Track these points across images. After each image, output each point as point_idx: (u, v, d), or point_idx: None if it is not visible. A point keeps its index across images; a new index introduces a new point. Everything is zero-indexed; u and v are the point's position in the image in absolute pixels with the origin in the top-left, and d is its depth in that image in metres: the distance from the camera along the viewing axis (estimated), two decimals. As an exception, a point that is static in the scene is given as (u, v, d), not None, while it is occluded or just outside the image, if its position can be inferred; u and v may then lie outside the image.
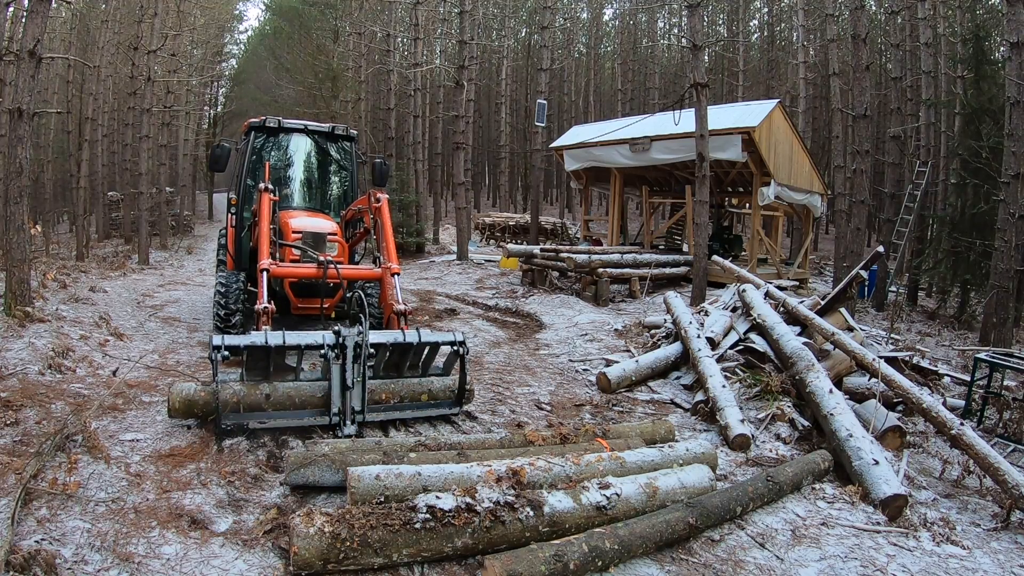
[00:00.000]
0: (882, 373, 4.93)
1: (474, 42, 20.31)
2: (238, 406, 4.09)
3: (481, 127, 35.98)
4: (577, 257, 10.93)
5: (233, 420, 4.05)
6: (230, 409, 4.05)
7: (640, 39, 34.64)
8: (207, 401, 4.13)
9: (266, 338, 4.09)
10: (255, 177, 7.10)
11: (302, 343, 4.18)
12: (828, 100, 20.15)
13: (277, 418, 4.17)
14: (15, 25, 12.70)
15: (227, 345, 3.96)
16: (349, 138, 7.54)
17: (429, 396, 4.77)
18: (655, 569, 3.08)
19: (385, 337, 4.48)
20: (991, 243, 9.58)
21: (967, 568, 3.33)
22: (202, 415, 4.19)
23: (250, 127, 7.28)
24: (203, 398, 4.16)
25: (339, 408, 4.18)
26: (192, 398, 4.17)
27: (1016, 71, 8.68)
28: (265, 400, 4.16)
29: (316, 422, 4.22)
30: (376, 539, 2.72)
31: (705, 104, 9.78)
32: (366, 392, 4.28)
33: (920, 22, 14.59)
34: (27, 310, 6.21)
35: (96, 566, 2.65)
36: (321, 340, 4.13)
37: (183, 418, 4.22)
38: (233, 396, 4.07)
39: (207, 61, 27.33)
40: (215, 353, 3.90)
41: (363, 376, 4.22)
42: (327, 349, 4.09)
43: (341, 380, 4.16)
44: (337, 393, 4.17)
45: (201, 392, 4.20)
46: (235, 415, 4.07)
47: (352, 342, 4.12)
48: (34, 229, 8.63)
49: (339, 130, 7.53)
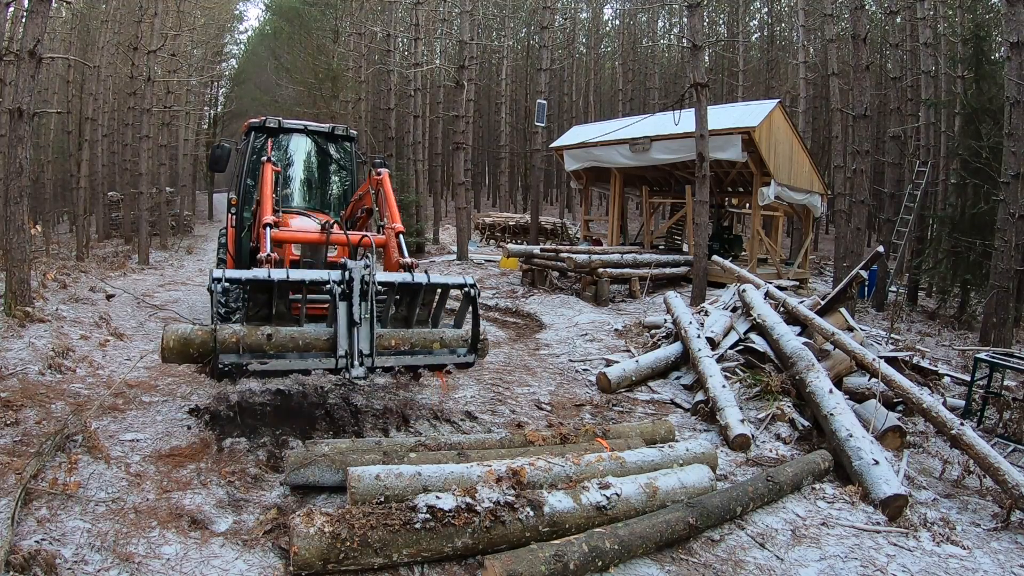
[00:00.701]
0: (882, 373, 4.93)
1: (474, 42, 20.32)
2: (237, 346, 3.79)
3: (481, 127, 35.97)
4: (577, 257, 10.93)
5: (232, 361, 3.76)
6: (229, 350, 3.76)
7: (640, 39, 34.63)
8: (204, 340, 3.81)
9: (269, 272, 3.86)
10: (255, 177, 7.02)
11: (307, 278, 3.95)
12: (828, 100, 20.13)
13: (279, 360, 3.91)
14: (15, 25, 12.69)
15: (228, 277, 3.71)
16: (349, 138, 7.50)
17: (441, 344, 4.51)
18: (655, 569, 3.08)
19: (394, 277, 4.30)
20: (991, 243, 9.58)
21: (967, 568, 3.33)
22: (198, 355, 3.84)
23: (250, 127, 7.26)
24: (200, 337, 3.83)
25: (346, 349, 3.94)
26: (188, 337, 3.83)
27: (1016, 71, 8.68)
28: (267, 341, 3.87)
29: (321, 365, 4.00)
30: (376, 539, 2.72)
31: (705, 104, 9.78)
32: (374, 334, 4.04)
33: (920, 22, 14.58)
34: (27, 310, 6.22)
35: (96, 566, 2.65)
36: (327, 276, 3.94)
37: (178, 360, 3.89)
38: (232, 336, 3.79)
39: (207, 61, 27.32)
40: (215, 284, 3.65)
41: (371, 314, 3.98)
42: (333, 284, 3.88)
43: (348, 316, 3.92)
44: (344, 332, 3.93)
45: (198, 331, 3.88)
46: (234, 356, 3.78)
47: (359, 275, 3.91)
48: (34, 229, 8.63)
49: (339, 130, 7.49)
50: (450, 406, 5.26)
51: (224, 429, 4.28)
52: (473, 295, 4.46)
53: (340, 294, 3.89)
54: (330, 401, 5.10)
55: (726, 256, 12.12)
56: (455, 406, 5.29)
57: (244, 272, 3.84)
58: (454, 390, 5.76)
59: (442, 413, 5.04)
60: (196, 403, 4.71)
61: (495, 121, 34.12)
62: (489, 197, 40.09)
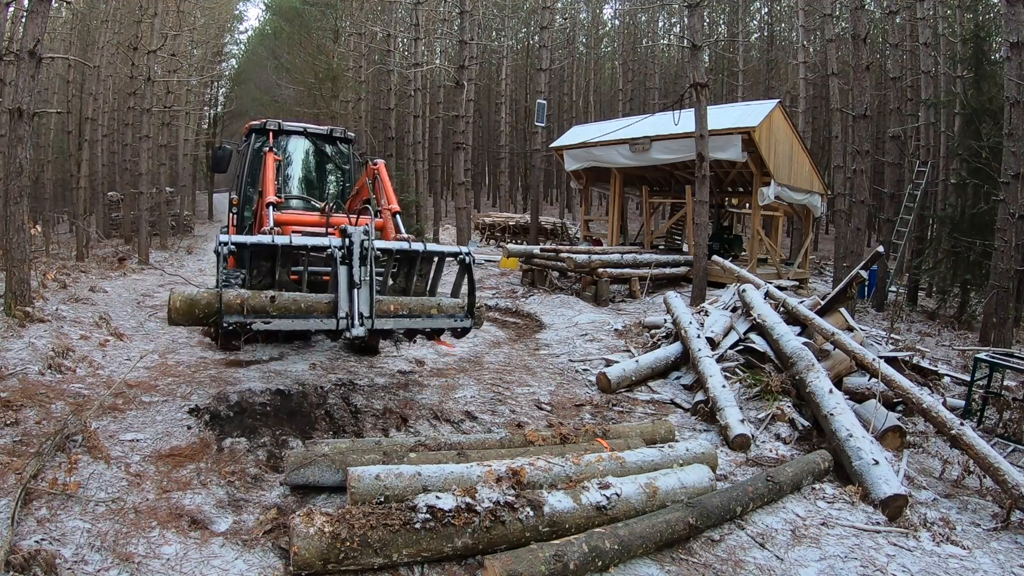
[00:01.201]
0: (882, 373, 4.93)
1: (474, 42, 20.31)
2: (241, 308, 3.96)
3: (481, 127, 35.97)
4: (577, 257, 10.93)
5: (236, 320, 3.93)
6: (234, 311, 3.93)
7: (640, 39, 34.63)
8: (210, 302, 3.98)
9: (273, 238, 4.07)
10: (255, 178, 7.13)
11: (308, 243, 4.19)
12: (828, 100, 20.13)
13: (282, 320, 4.07)
14: (15, 25, 12.69)
15: (234, 241, 3.92)
16: (347, 140, 7.63)
17: (439, 310, 4.70)
18: (655, 569, 3.08)
19: (392, 244, 4.46)
20: (991, 243, 9.57)
21: (967, 568, 3.33)
22: (204, 316, 4.00)
23: (251, 129, 7.35)
24: (205, 299, 4.01)
25: (347, 311, 4.09)
26: (194, 299, 4.02)
27: (1016, 71, 8.68)
28: (270, 303, 4.05)
29: (322, 325, 4.15)
30: (376, 539, 2.72)
31: (705, 104, 9.78)
32: (374, 297, 4.20)
33: (920, 22, 14.58)
34: (27, 310, 6.22)
35: (96, 566, 2.65)
36: (327, 242, 4.14)
37: (184, 322, 4.03)
38: (237, 297, 3.97)
39: (207, 61, 27.31)
40: (221, 247, 3.85)
41: (371, 277, 4.15)
42: (333, 248, 4.06)
43: (348, 278, 4.08)
44: (344, 294, 4.09)
45: (204, 293, 4.07)
46: (239, 316, 3.95)
47: (359, 239, 4.08)
48: (34, 229, 8.64)
49: (337, 132, 7.59)
50: (450, 406, 5.27)
51: (224, 429, 4.29)
52: (468, 262, 4.65)
53: (340, 258, 4.06)
54: (330, 401, 5.10)
55: (726, 256, 12.12)
56: (455, 406, 5.29)
57: (250, 237, 4.05)
58: (454, 390, 5.76)
59: (442, 413, 5.04)
60: (196, 403, 4.71)
61: (495, 121, 34.12)
62: (489, 197, 40.09)
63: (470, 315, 4.78)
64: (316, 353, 6.62)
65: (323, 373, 5.88)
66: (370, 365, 6.38)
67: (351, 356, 6.67)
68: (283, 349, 6.63)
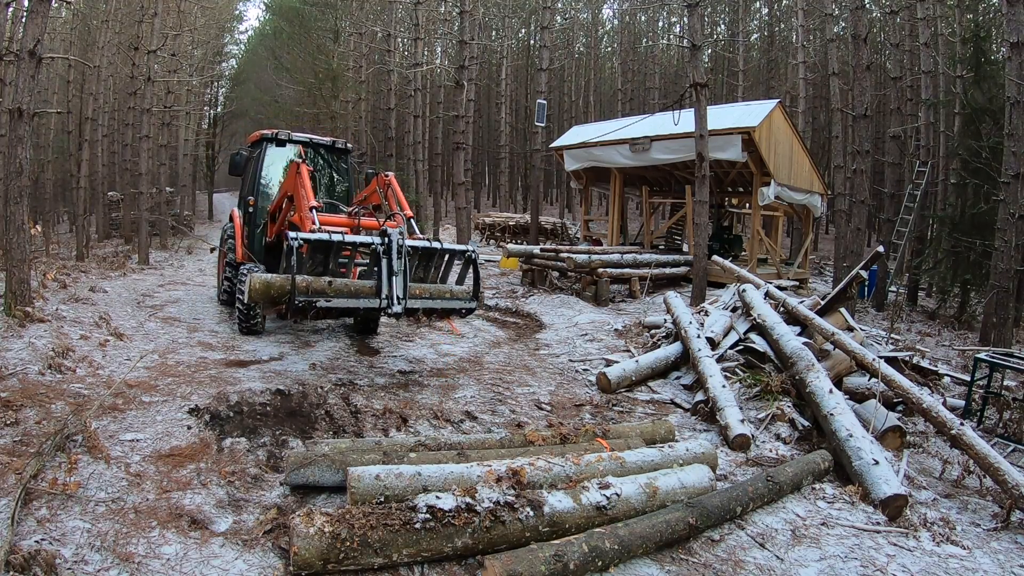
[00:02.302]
0: (882, 373, 4.93)
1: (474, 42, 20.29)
2: (307, 290, 4.99)
3: (481, 127, 35.96)
4: (577, 257, 10.93)
5: (304, 299, 4.92)
6: (300, 292, 4.92)
7: (640, 39, 34.62)
8: (282, 284, 4.96)
9: (331, 235, 5.14)
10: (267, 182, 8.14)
11: (357, 240, 5.28)
12: (828, 100, 20.12)
13: (339, 300, 5.09)
14: (15, 25, 12.69)
15: (302, 237, 4.96)
16: (346, 151, 8.61)
17: (451, 295, 5.81)
18: (655, 569, 3.08)
19: (418, 242, 5.59)
20: (991, 243, 9.57)
21: (967, 568, 3.33)
22: (277, 296, 5.01)
23: (262, 138, 8.22)
24: (279, 282, 4.99)
25: (387, 294, 5.15)
26: (270, 282, 5.02)
27: (1016, 71, 8.68)
28: (328, 287, 5.08)
29: (369, 304, 5.19)
30: (376, 539, 2.72)
31: (705, 104, 9.78)
32: (407, 283, 5.28)
33: (920, 22, 14.58)
34: (27, 310, 6.22)
35: (96, 566, 2.65)
36: (371, 239, 5.25)
37: (261, 299, 5.07)
38: (303, 282, 4.99)
39: (207, 61, 27.30)
40: (293, 242, 4.88)
41: (404, 267, 5.23)
42: (377, 245, 5.18)
43: (388, 268, 5.16)
44: (385, 280, 5.15)
45: (278, 278, 5.03)
46: (305, 295, 4.95)
47: (396, 238, 5.21)
48: (34, 229, 8.64)
49: (339, 143, 8.54)
50: (450, 406, 5.27)
51: (224, 429, 4.29)
52: (473, 257, 5.89)
53: (382, 252, 5.18)
54: (330, 401, 5.10)
55: (726, 256, 12.13)
56: (455, 406, 5.29)
57: (312, 235, 5.11)
58: (454, 390, 5.76)
59: (442, 413, 5.04)
60: (196, 403, 4.71)
61: (495, 121, 34.11)
62: (489, 197, 40.07)
63: (475, 298, 5.95)
64: (316, 353, 6.62)
65: (323, 373, 5.89)
66: (370, 365, 6.39)
67: (351, 356, 6.67)
68: (283, 349, 6.64)
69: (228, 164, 8.43)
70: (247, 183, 8.44)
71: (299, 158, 6.63)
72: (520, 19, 34.05)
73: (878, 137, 20.75)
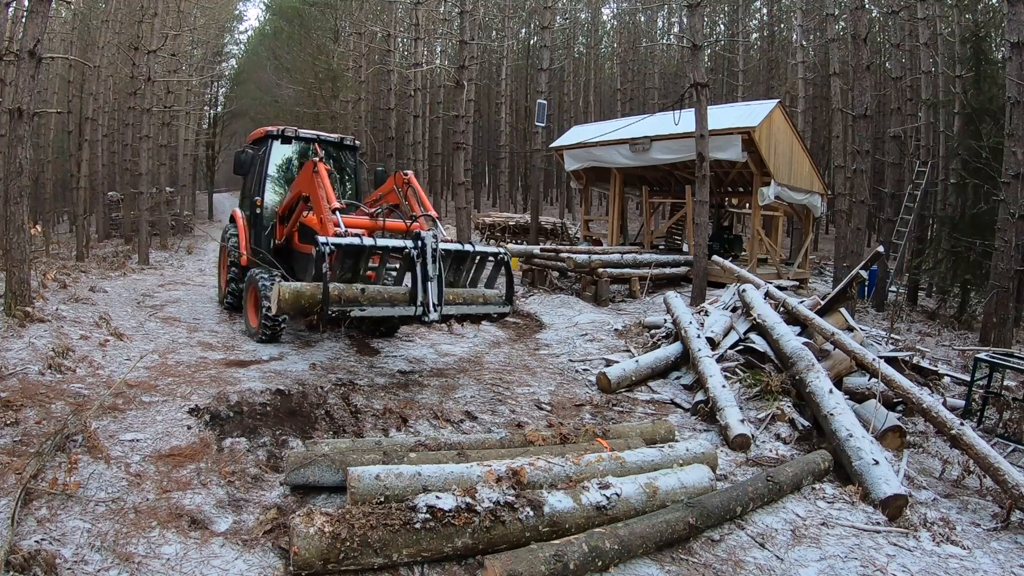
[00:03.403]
0: (882, 373, 4.93)
1: (474, 42, 20.29)
2: (339, 299, 4.74)
3: (481, 127, 35.96)
4: (577, 257, 10.93)
5: (338, 308, 4.69)
6: (332, 301, 4.66)
7: (639, 39, 34.61)
8: (313, 294, 4.72)
9: (362, 239, 4.90)
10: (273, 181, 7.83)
11: (390, 244, 5.07)
12: (828, 100, 20.13)
13: (374, 308, 4.89)
14: (15, 25, 12.69)
15: (332, 242, 4.69)
16: (354, 148, 8.31)
17: (483, 299, 5.68)
18: (655, 569, 3.08)
19: (452, 246, 5.34)
20: (991, 243, 9.57)
21: (967, 568, 3.33)
22: (308, 306, 4.74)
23: (267, 135, 7.87)
24: (309, 291, 4.74)
25: (422, 300, 4.95)
26: (300, 291, 4.73)
27: (1016, 71, 8.68)
28: (361, 294, 4.85)
29: (405, 312, 5.01)
30: (376, 539, 2.72)
31: (705, 104, 9.78)
32: (443, 289, 5.08)
33: (920, 22, 14.58)
34: (27, 310, 6.21)
35: (96, 566, 2.65)
36: (404, 243, 5.02)
37: (291, 310, 4.75)
38: (335, 290, 4.73)
39: (207, 61, 27.32)
40: (323, 247, 4.59)
41: (439, 272, 5.00)
42: (410, 249, 4.94)
43: (423, 273, 4.93)
44: (420, 286, 4.94)
45: (307, 286, 4.77)
46: (338, 305, 4.71)
47: (430, 240, 4.95)
48: (34, 229, 8.64)
49: (347, 140, 8.27)
50: (450, 406, 5.26)
51: (224, 429, 4.29)
52: (506, 260, 5.74)
53: (416, 256, 4.92)
54: (330, 401, 5.10)
55: (726, 256, 12.12)
56: (455, 406, 5.29)
57: (344, 239, 4.84)
58: (454, 390, 5.76)
59: (442, 413, 5.04)
60: (196, 403, 4.71)
61: (495, 121, 34.09)
62: (489, 197, 40.06)
63: (508, 303, 5.81)
64: (316, 353, 6.62)
65: (323, 373, 5.88)
66: (370, 365, 6.38)
67: (351, 356, 6.67)
68: (283, 349, 6.64)
69: (232, 163, 8.02)
70: (252, 182, 8.13)
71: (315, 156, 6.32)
72: (520, 19, 34.05)
73: (878, 137, 20.75)
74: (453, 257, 5.40)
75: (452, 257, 5.38)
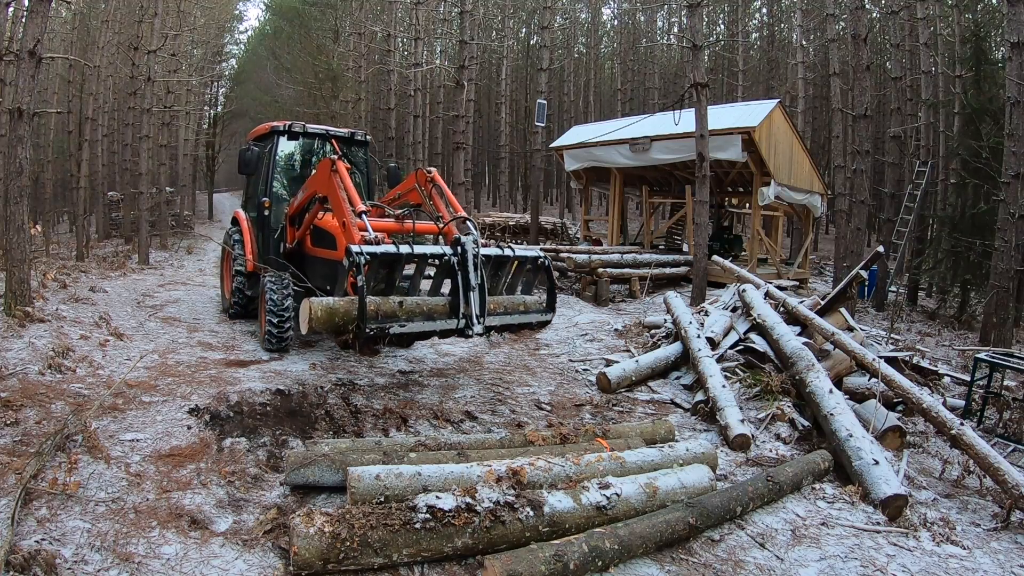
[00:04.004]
0: (882, 373, 4.93)
1: (474, 42, 20.29)
2: (376, 314, 4.35)
3: (481, 127, 35.95)
4: (577, 257, 10.93)
5: (376, 325, 4.31)
6: (369, 317, 4.28)
7: (639, 39, 34.61)
8: (347, 310, 4.30)
9: (399, 246, 4.48)
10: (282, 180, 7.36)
11: (427, 252, 4.63)
12: (828, 100, 20.13)
13: (413, 323, 4.51)
14: (15, 25, 12.69)
15: (366, 251, 4.27)
16: (365, 143, 7.86)
17: (524, 307, 5.34)
18: (655, 569, 3.08)
19: (492, 251, 4.99)
20: (991, 243, 9.58)
21: (967, 568, 3.33)
22: (342, 323, 4.31)
23: (272, 131, 7.39)
24: (343, 307, 4.32)
25: (464, 312, 4.57)
26: (333, 307, 4.30)
27: (1016, 71, 8.68)
28: (399, 308, 4.49)
29: (446, 326, 4.63)
30: (376, 539, 2.72)
31: (705, 104, 9.78)
32: (486, 299, 4.67)
33: (919, 22, 14.59)
34: (27, 310, 6.22)
35: (96, 566, 2.65)
36: (442, 250, 4.62)
37: (323, 327, 4.31)
38: (371, 304, 4.33)
39: (207, 61, 27.32)
40: (357, 256, 4.18)
41: (481, 280, 4.61)
42: (449, 256, 4.56)
43: (465, 282, 4.55)
44: (462, 296, 4.57)
45: (341, 302, 4.35)
46: (375, 321, 4.32)
47: (471, 247, 4.57)
48: (34, 229, 8.63)
49: (358, 135, 7.81)
50: (450, 406, 5.26)
51: (224, 429, 4.29)
52: (547, 265, 5.35)
53: (457, 263, 4.53)
54: (330, 401, 5.10)
55: (726, 256, 12.12)
56: (455, 406, 5.29)
57: (378, 247, 4.41)
58: (454, 390, 5.76)
59: (442, 413, 5.04)
60: (196, 403, 4.71)
61: (495, 121, 34.08)
62: (489, 197, 40.05)
63: (551, 309, 5.42)
64: (316, 353, 6.62)
65: (323, 373, 5.88)
66: (370, 365, 6.38)
67: (351, 356, 6.67)
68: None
69: (237, 162, 7.36)
70: (258, 182, 7.59)
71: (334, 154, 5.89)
72: (520, 19, 34.05)
73: (878, 137, 20.75)
74: (491, 263, 5.01)
75: (491, 263, 4.99)
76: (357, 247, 4.24)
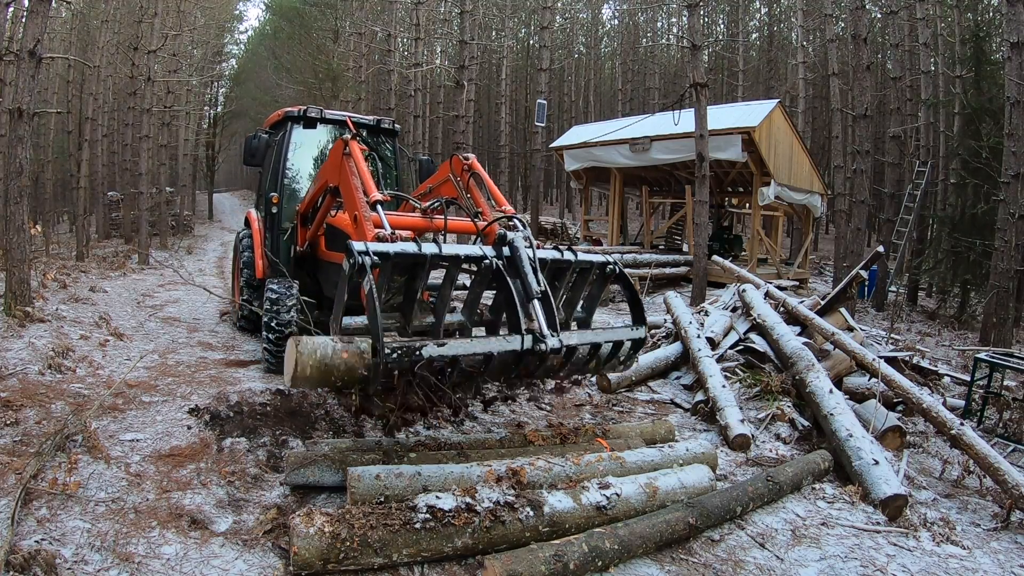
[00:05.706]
0: (882, 373, 4.93)
1: (474, 42, 20.30)
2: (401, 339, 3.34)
3: (481, 127, 35.94)
4: (577, 257, 10.90)
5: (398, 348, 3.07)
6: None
7: (639, 39, 34.61)
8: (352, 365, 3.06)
9: (420, 245, 3.27)
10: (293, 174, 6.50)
11: (462, 253, 3.43)
12: (828, 100, 20.12)
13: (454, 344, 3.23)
14: (15, 25, 12.69)
15: (374, 251, 3.09)
16: (394, 132, 6.84)
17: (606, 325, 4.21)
18: (655, 569, 3.08)
19: (547, 253, 3.79)
20: (991, 243, 9.58)
21: (967, 568, 3.33)
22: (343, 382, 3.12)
23: (286, 117, 6.54)
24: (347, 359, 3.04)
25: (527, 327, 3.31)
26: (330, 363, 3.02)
27: (1016, 71, 8.69)
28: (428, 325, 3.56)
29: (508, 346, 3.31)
30: (376, 539, 2.71)
31: (705, 104, 9.78)
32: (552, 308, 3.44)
33: (919, 22, 14.59)
34: (27, 310, 6.22)
35: (96, 566, 2.65)
36: (481, 251, 3.44)
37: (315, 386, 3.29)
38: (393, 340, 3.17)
39: (207, 61, 27.29)
40: (361, 257, 3.02)
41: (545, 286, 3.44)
42: (492, 260, 3.37)
43: (523, 289, 3.38)
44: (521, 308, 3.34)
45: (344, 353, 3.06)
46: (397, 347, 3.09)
47: (523, 244, 3.45)
48: (34, 229, 8.62)
49: (384, 123, 6.76)
50: (450, 406, 5.25)
51: (224, 429, 4.28)
52: (620, 272, 4.03)
53: (504, 268, 3.40)
54: (330, 401, 5.10)
55: (726, 256, 12.12)
56: (455, 406, 5.28)
57: (392, 245, 3.23)
58: (454, 390, 5.74)
59: (442, 413, 5.03)
60: (196, 403, 4.71)
61: (495, 121, 34.08)
62: (489, 197, 39.98)
63: (642, 323, 4.04)
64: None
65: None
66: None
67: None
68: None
69: (242, 151, 6.49)
70: (267, 176, 6.73)
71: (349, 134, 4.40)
72: (520, 19, 34.04)
73: (878, 137, 20.74)
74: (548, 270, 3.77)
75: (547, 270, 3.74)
76: (361, 244, 3.08)
